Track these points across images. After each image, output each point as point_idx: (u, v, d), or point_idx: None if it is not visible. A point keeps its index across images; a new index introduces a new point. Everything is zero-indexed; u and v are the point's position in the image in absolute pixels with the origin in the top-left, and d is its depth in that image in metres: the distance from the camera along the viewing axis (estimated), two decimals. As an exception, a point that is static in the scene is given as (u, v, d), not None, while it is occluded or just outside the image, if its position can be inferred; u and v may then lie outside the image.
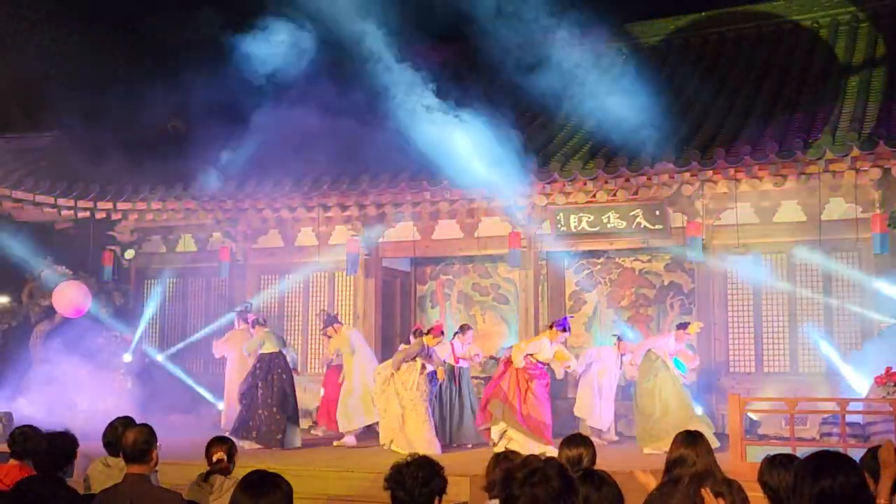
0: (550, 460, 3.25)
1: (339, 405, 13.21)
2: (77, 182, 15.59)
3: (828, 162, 12.17)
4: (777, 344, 13.88)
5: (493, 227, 15.01)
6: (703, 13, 17.68)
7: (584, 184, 13.32)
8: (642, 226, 13.94)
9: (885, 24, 15.76)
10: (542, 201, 13.92)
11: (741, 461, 9.89)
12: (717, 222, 13.83)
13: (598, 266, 15.99)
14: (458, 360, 13.31)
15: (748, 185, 12.92)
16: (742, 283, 14.09)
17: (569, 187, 13.44)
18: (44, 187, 15.49)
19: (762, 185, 12.91)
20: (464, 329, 13.63)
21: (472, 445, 12.89)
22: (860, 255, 13.29)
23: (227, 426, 13.47)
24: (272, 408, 12.94)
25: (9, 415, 13.18)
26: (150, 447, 5.34)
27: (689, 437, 5.52)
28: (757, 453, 9.29)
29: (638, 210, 13.87)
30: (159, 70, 16.12)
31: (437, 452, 11.37)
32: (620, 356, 13.37)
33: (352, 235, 15.39)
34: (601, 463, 5.21)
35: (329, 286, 16.43)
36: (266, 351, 13.31)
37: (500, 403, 11.87)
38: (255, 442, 12.71)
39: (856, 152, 11.96)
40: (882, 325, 12.70)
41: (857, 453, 4.70)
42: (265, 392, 13.01)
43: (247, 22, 14.68)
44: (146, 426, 5.48)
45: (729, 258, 13.97)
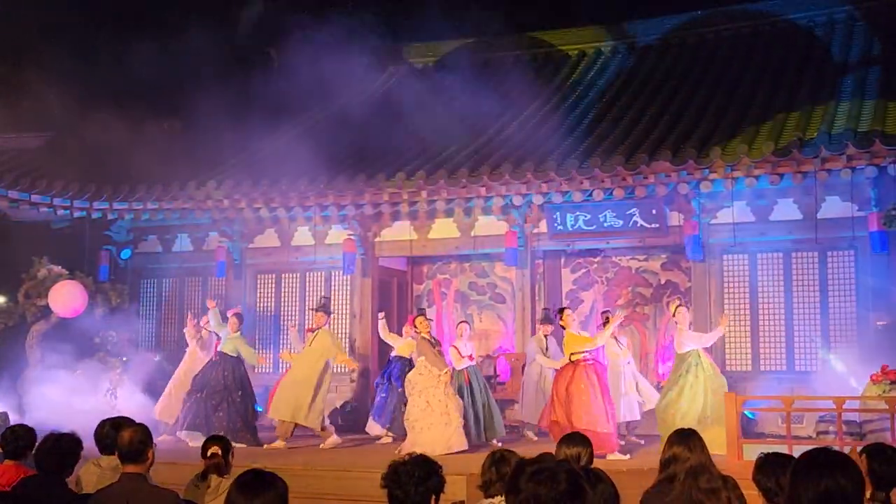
0: (564, 462, 3.19)
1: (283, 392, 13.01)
2: (73, 182, 15.56)
3: (824, 160, 12.18)
4: (773, 342, 13.88)
5: (490, 225, 15.01)
6: (699, 12, 17.72)
7: (581, 182, 13.32)
8: (639, 224, 13.94)
9: (880, 22, 15.79)
10: (538, 200, 13.92)
11: (738, 459, 9.90)
12: (713, 221, 13.83)
13: (595, 265, 15.99)
14: (467, 358, 12.87)
15: (744, 183, 12.92)
16: (738, 281, 14.09)
17: (565, 186, 13.44)
18: (40, 187, 15.45)
19: (758, 183, 12.92)
20: (460, 327, 13.15)
21: (501, 443, 12.35)
22: (856, 254, 13.29)
23: (162, 417, 13.71)
24: (240, 408, 13.17)
25: (4, 415, 13.16)
26: (145, 447, 5.33)
27: (682, 435, 5.53)
28: (753, 451, 9.29)
29: (634, 209, 13.87)
30: (156, 68, 16.06)
31: (458, 449, 11.44)
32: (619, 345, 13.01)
33: (348, 235, 15.38)
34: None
35: (326, 286, 16.41)
36: (231, 352, 13.41)
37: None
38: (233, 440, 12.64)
39: (852, 150, 11.96)
40: (878, 323, 12.70)
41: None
42: (231, 393, 13.18)
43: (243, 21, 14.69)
44: (142, 426, 5.47)
45: (725, 257, 13.99)
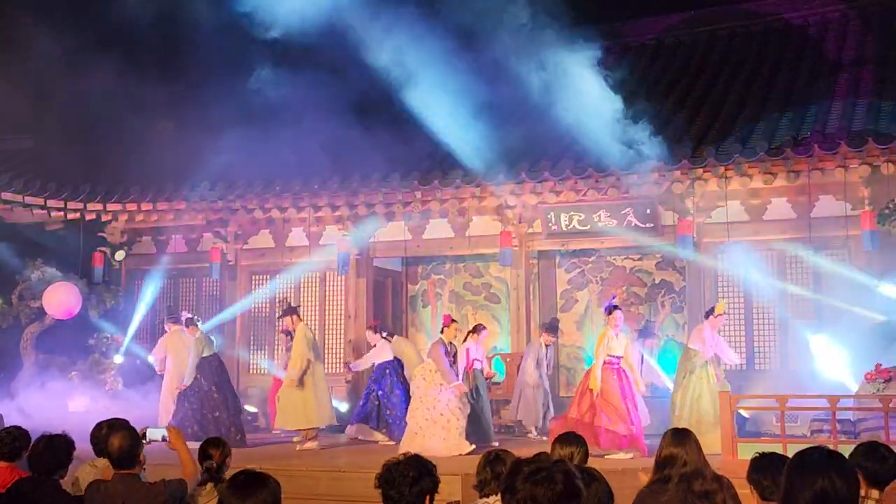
0: (560, 462, 3.18)
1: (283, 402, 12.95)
2: (67, 183, 15.55)
3: (817, 159, 12.22)
4: (768, 341, 13.90)
5: (484, 226, 15.02)
6: (693, 11, 17.73)
7: (575, 182, 13.33)
8: (633, 224, 13.96)
9: (873, 21, 15.83)
10: (532, 200, 13.92)
11: (733, 458, 9.91)
12: (707, 220, 13.85)
13: (590, 265, 16.01)
14: (471, 362, 12.71)
15: (738, 182, 12.94)
16: (732, 280, 14.11)
17: (559, 186, 13.45)
18: (33, 189, 15.43)
19: (752, 182, 12.95)
20: (478, 329, 13.00)
21: (497, 443, 12.31)
22: (850, 253, 13.31)
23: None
24: (229, 410, 13.20)
25: (-1, 417, 13.13)
26: (135, 451, 5.36)
27: (679, 435, 5.54)
28: (748, 450, 9.31)
29: (629, 208, 13.89)
30: (149, 70, 16.04)
31: (465, 449, 11.46)
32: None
33: (343, 235, 15.38)
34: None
35: (320, 286, 16.42)
36: (206, 354, 13.39)
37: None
38: None
39: (845, 150, 12.01)
40: (872, 321, 12.72)
41: (847, 450, 4.71)
42: (220, 396, 13.19)
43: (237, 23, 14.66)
44: (129, 430, 5.50)
45: (719, 256, 14.01)
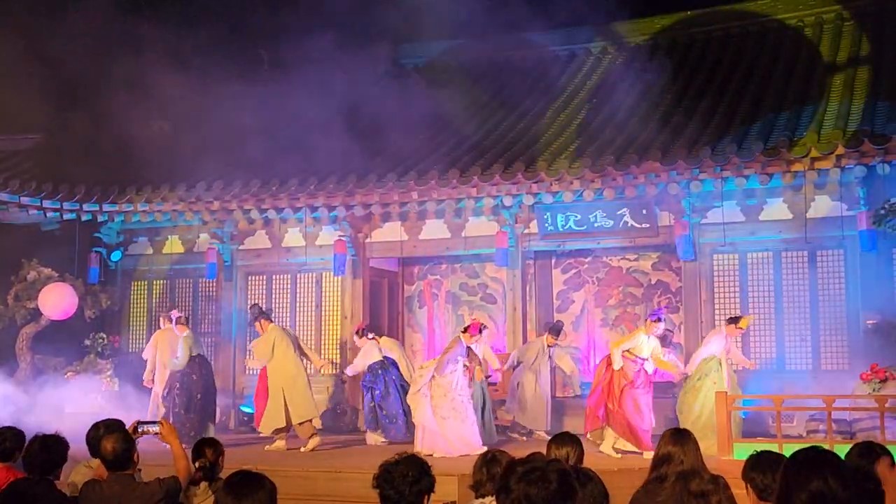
0: (555, 462, 3.19)
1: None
2: (63, 184, 15.52)
3: (813, 160, 12.23)
4: (764, 341, 13.91)
5: (481, 226, 15.01)
6: (689, 12, 17.75)
7: (571, 183, 13.34)
8: (629, 224, 13.97)
9: (868, 22, 15.85)
10: (529, 200, 13.93)
11: (728, 458, 9.92)
12: (703, 220, 13.85)
13: (586, 265, 16.01)
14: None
15: (734, 183, 12.95)
16: (728, 281, 14.12)
17: (556, 186, 13.46)
18: (29, 189, 15.40)
19: (748, 183, 12.95)
20: (481, 330, 12.79)
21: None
22: (846, 253, 13.33)
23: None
24: (202, 411, 13.39)
25: (-6, 418, 13.12)
26: (129, 453, 5.36)
27: (677, 434, 5.55)
28: (744, 451, 9.32)
29: (625, 209, 13.90)
30: (145, 69, 16.02)
31: (477, 448, 11.26)
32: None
33: (339, 236, 15.37)
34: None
35: (316, 287, 16.40)
36: (193, 354, 13.45)
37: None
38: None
39: (840, 150, 12.01)
40: (867, 322, 12.74)
41: (843, 450, 4.72)
42: (199, 396, 13.37)
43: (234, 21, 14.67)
44: (121, 433, 5.50)
45: (715, 256, 14.02)
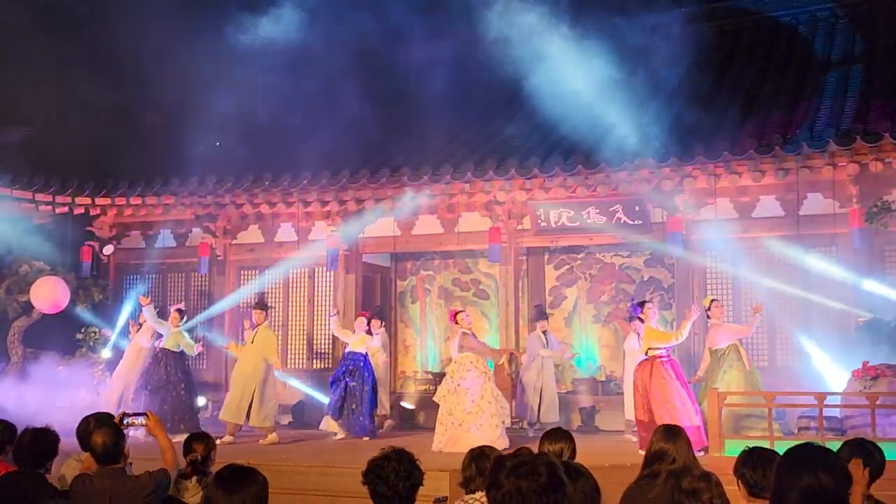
0: (543, 455, 3.24)
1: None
2: (55, 177, 15.49)
3: (806, 157, 12.27)
4: (756, 338, 13.92)
5: (474, 222, 15.02)
6: (683, 9, 17.71)
7: (565, 179, 13.34)
8: (622, 221, 13.98)
9: (862, 20, 15.86)
10: (522, 197, 13.93)
11: (720, 455, 9.94)
12: (696, 217, 13.87)
13: (579, 261, 16.03)
14: None
15: (727, 180, 12.97)
16: (721, 278, 14.14)
17: (549, 182, 13.46)
18: (21, 182, 15.37)
19: (741, 180, 12.97)
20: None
21: None
22: (838, 250, 13.36)
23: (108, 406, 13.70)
24: (190, 400, 13.65)
25: (-15, 411, 13.09)
26: (119, 447, 5.36)
27: (669, 431, 5.56)
28: (735, 447, 9.33)
29: (618, 205, 13.91)
30: (138, 63, 15.98)
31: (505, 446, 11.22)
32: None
33: (332, 231, 15.36)
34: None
35: (309, 282, 16.40)
36: (171, 347, 13.58)
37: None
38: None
39: (833, 148, 12.06)
40: (859, 319, 12.77)
41: (834, 447, 4.73)
42: (182, 386, 13.49)
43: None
44: (111, 426, 5.49)
45: (708, 253, 14.04)
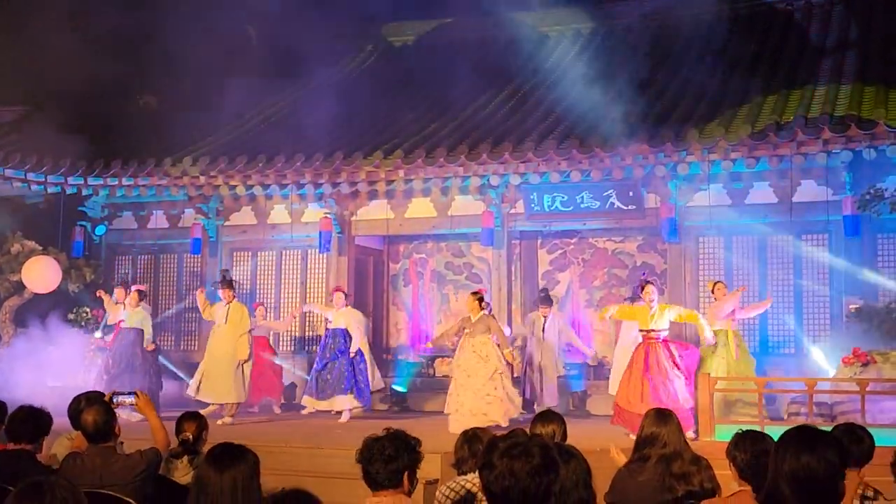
0: (536, 437, 3.26)
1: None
2: (48, 157, 15.42)
3: (800, 144, 12.26)
4: (747, 324, 13.96)
5: (467, 205, 14.99)
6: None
7: (559, 163, 13.33)
8: (616, 206, 13.98)
9: (857, 6, 15.86)
10: (515, 180, 13.92)
11: (710, 439, 9.98)
12: (689, 203, 13.87)
13: (572, 246, 16.02)
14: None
15: (721, 166, 12.97)
16: (713, 264, 14.16)
17: (543, 167, 13.44)
18: (13, 161, 15.30)
19: (735, 166, 12.97)
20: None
21: None
22: (830, 237, 13.38)
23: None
24: (152, 379, 13.61)
25: (-23, 391, 13.07)
26: (110, 425, 5.36)
27: (661, 415, 5.57)
28: (725, 432, 9.37)
29: (611, 190, 13.89)
30: (131, 43, 15.92)
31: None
32: None
33: (325, 213, 15.33)
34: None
35: (302, 264, 16.38)
36: (134, 325, 13.57)
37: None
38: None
39: (828, 134, 12.05)
40: (851, 306, 12.81)
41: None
42: (145, 365, 13.54)
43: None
44: (102, 405, 5.49)
45: (701, 239, 14.05)
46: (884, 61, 13.67)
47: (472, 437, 5.39)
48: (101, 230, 16.75)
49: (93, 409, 5.44)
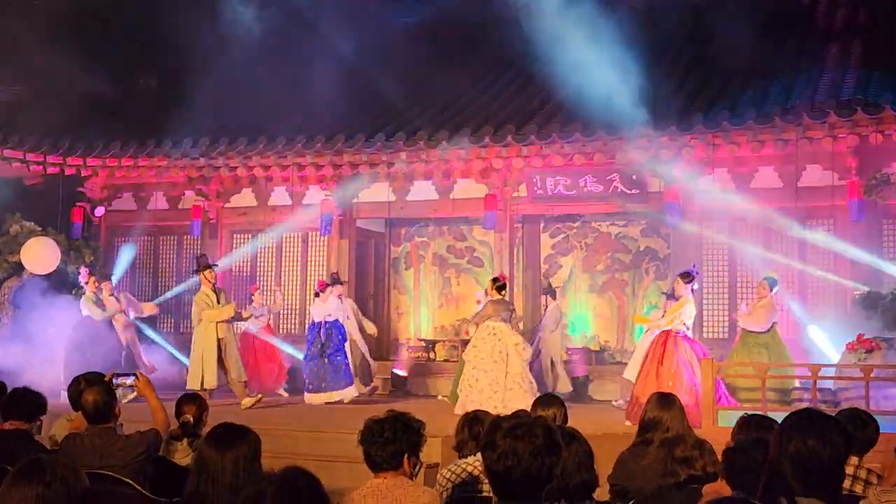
0: (539, 418, 3.28)
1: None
2: (47, 137, 15.36)
3: (805, 128, 12.19)
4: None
5: (469, 188, 14.91)
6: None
7: (562, 146, 13.24)
8: (619, 190, 13.90)
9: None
10: (518, 164, 13.83)
11: (713, 425, 9.93)
12: (694, 187, 13.77)
13: (574, 230, 15.96)
14: None
15: (726, 150, 12.89)
16: (717, 248, 14.08)
17: (546, 150, 13.36)
18: (13, 142, 15.25)
19: (739, 150, 12.89)
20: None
21: None
22: (835, 222, 13.30)
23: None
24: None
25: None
26: (109, 406, 5.34)
27: (664, 399, 5.54)
28: (728, 417, 9.32)
29: (615, 174, 13.83)
30: (132, 22, 15.83)
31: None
32: None
33: (326, 195, 15.25)
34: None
35: (302, 246, 16.31)
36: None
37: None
38: None
39: (833, 119, 11.98)
40: (855, 292, 12.74)
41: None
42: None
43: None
44: (102, 385, 5.49)
45: (705, 224, 13.96)
46: (890, 45, 13.54)
47: (473, 420, 5.35)
48: (100, 211, 16.67)
49: (93, 390, 5.44)
